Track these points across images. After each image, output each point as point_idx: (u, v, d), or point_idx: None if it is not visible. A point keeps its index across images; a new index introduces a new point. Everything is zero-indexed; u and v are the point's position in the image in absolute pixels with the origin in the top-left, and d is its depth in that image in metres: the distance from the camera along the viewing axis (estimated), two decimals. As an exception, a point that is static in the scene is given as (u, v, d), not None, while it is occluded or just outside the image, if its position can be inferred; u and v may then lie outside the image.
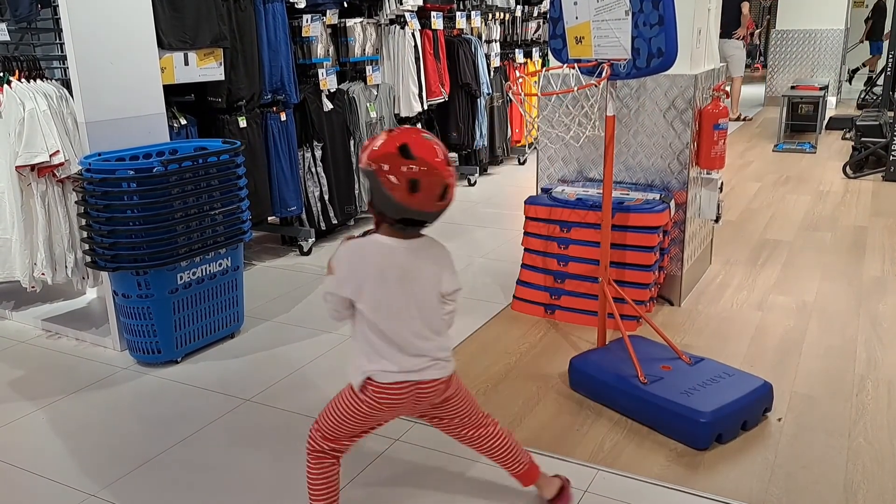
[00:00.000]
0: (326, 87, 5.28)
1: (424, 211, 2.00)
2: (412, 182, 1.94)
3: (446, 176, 1.98)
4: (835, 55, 11.72)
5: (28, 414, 3.18)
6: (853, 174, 7.29)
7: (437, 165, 1.97)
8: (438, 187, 1.97)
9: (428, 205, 1.98)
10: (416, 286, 2.08)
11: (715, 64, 4.35)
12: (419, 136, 2.03)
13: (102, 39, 3.46)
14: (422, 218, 2.02)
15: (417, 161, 1.94)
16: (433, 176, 1.96)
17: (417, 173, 1.94)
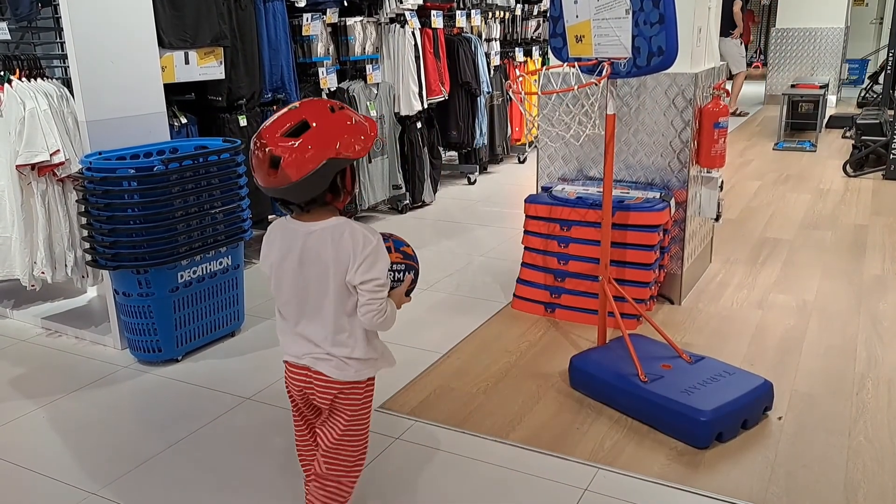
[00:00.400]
0: (327, 86, 5.28)
1: (264, 186, 1.91)
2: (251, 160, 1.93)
3: (267, 142, 1.86)
4: (835, 54, 11.71)
5: (28, 412, 3.18)
6: (853, 173, 7.29)
7: (261, 134, 1.88)
8: (264, 162, 1.87)
9: (261, 179, 1.91)
10: (311, 270, 2.00)
11: (715, 62, 4.34)
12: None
13: (103, 38, 3.46)
14: (277, 195, 1.93)
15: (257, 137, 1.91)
16: (256, 148, 1.89)
17: (253, 150, 1.91)
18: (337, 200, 2.01)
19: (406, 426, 2.97)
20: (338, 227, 1.98)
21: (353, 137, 1.91)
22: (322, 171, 1.87)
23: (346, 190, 2.00)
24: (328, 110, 1.92)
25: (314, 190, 1.91)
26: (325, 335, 2.06)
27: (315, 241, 1.99)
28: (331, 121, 1.90)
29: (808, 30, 11.73)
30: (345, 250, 1.96)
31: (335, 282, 1.99)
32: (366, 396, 2.15)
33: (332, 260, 1.98)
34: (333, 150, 1.87)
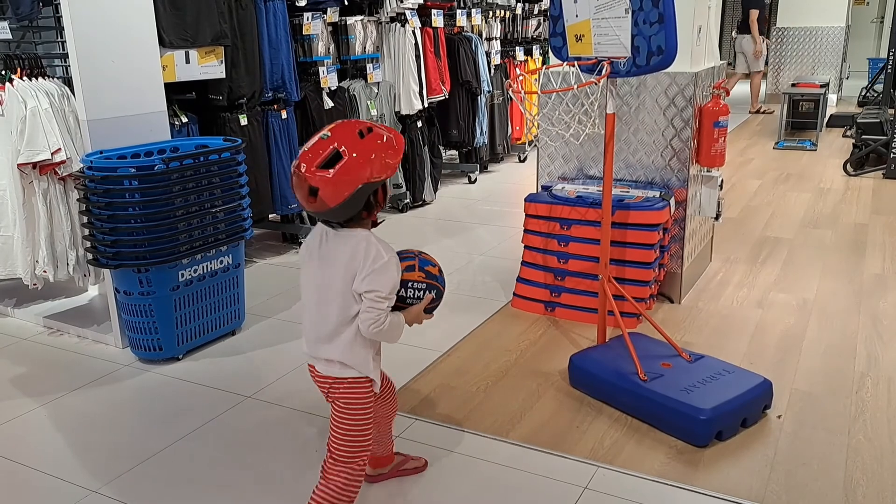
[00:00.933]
0: (327, 85, 5.29)
1: (306, 209, 2.08)
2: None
3: (305, 176, 2.00)
4: (836, 53, 11.71)
5: (30, 410, 3.19)
6: (854, 172, 7.29)
7: (299, 163, 2.03)
8: (303, 189, 2.03)
9: (302, 202, 2.07)
10: (327, 271, 2.12)
11: (715, 62, 4.35)
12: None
13: (104, 38, 3.47)
14: (318, 217, 2.12)
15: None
16: (295, 175, 2.05)
17: (292, 174, 2.08)
18: (371, 215, 2.15)
19: (406, 424, 2.97)
20: (360, 237, 2.10)
21: (383, 160, 2.03)
22: (356, 195, 2.02)
23: (378, 204, 2.13)
24: (358, 136, 2.02)
25: (351, 211, 2.06)
26: (325, 333, 2.15)
27: (337, 245, 2.11)
28: (361, 147, 2.01)
29: (808, 29, 11.72)
30: (357, 259, 2.07)
31: (343, 287, 2.09)
32: (355, 395, 2.19)
33: (345, 266, 2.09)
34: (366, 176, 2.00)
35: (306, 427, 3.00)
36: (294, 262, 5.09)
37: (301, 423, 3.03)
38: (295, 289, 4.54)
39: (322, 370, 2.20)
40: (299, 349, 3.65)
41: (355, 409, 2.19)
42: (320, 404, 3.14)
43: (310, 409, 3.13)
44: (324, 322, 2.15)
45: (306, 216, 5.38)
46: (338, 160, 1.98)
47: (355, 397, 2.19)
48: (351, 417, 2.19)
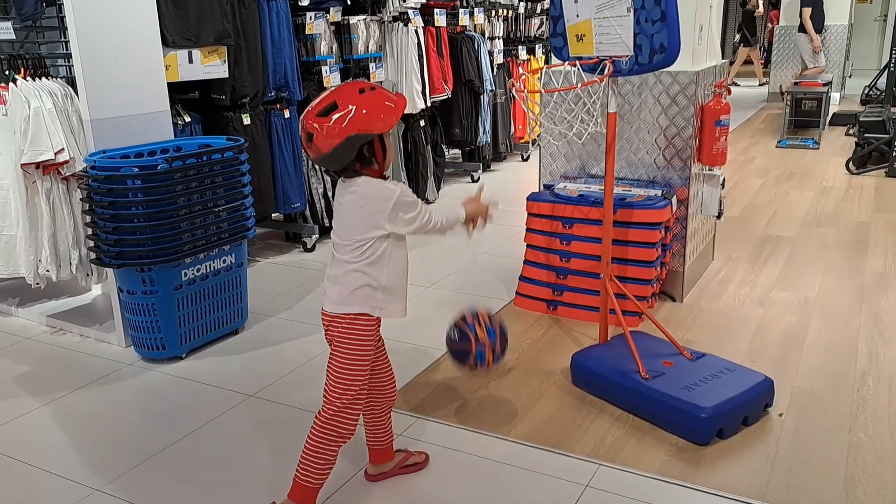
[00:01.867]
0: (330, 85, 5.29)
1: (307, 155, 2.29)
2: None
3: (304, 120, 2.19)
4: (839, 51, 11.69)
5: (33, 409, 3.20)
6: (856, 170, 7.28)
7: (305, 112, 2.20)
8: (303, 134, 2.20)
9: (304, 148, 2.26)
10: (344, 215, 2.29)
11: (717, 60, 4.35)
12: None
13: (107, 37, 3.48)
14: (317, 163, 2.35)
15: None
16: (301, 122, 2.22)
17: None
18: (368, 168, 2.25)
19: (408, 423, 2.98)
20: (366, 181, 2.24)
21: (375, 116, 2.16)
22: (346, 145, 2.15)
23: (376, 160, 2.25)
24: (357, 92, 2.18)
25: (342, 160, 2.20)
26: (336, 274, 2.29)
27: (344, 194, 2.27)
28: (357, 101, 2.15)
29: (811, 27, 11.69)
30: (369, 203, 2.22)
31: (352, 231, 2.25)
32: (351, 334, 2.29)
33: (354, 212, 2.24)
34: (355, 127, 2.13)
35: (308, 425, 3.00)
36: (296, 262, 5.10)
37: (304, 422, 3.03)
38: (297, 288, 4.55)
39: (327, 308, 2.31)
40: (302, 348, 3.68)
41: (350, 346, 2.29)
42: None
43: (313, 407, 3.13)
44: (336, 263, 2.30)
45: (309, 215, 5.39)
46: (332, 110, 2.14)
47: (352, 334, 2.28)
48: (345, 353, 2.29)
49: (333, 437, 2.31)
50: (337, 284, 2.29)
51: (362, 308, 2.28)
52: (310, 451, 2.31)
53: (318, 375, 3.40)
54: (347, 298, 2.27)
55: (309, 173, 5.30)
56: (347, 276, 2.27)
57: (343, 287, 2.28)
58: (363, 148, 2.19)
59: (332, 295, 2.30)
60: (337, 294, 2.29)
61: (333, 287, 2.31)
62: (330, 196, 5.41)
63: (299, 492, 2.33)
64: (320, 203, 5.39)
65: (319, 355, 3.62)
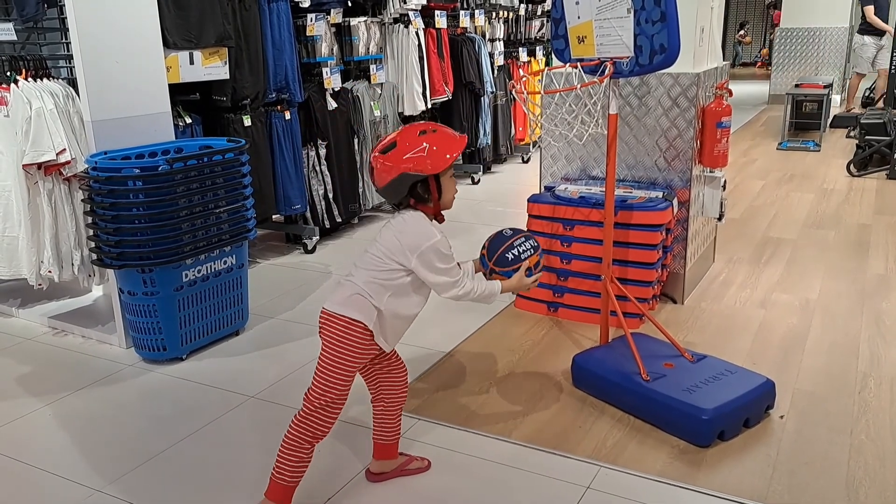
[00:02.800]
0: (330, 86, 5.30)
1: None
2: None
3: (371, 156, 2.34)
4: (839, 53, 11.69)
5: (34, 410, 3.20)
6: (857, 172, 7.28)
7: (375, 147, 2.37)
8: (369, 167, 2.37)
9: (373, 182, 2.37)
10: (382, 238, 2.36)
11: (718, 62, 4.35)
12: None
13: (108, 39, 3.48)
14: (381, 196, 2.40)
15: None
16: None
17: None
18: (422, 205, 2.35)
19: (409, 424, 2.98)
20: (414, 215, 2.34)
21: (424, 159, 2.25)
22: (398, 181, 2.27)
23: (431, 198, 2.34)
24: (417, 134, 2.29)
25: (397, 195, 2.32)
26: (359, 272, 2.35)
27: (397, 219, 2.36)
28: (413, 142, 2.27)
29: (812, 29, 11.71)
30: (409, 234, 2.30)
31: (384, 251, 2.32)
32: (342, 337, 2.30)
33: (394, 236, 2.32)
34: (406, 167, 2.25)
35: (310, 427, 3.01)
36: (296, 263, 5.10)
37: (304, 423, 3.03)
38: (298, 289, 4.55)
39: (327, 306, 2.34)
40: (303, 349, 3.68)
41: (341, 349, 2.30)
42: (323, 404, 3.15)
43: (313, 408, 3.13)
44: (355, 271, 2.36)
45: (309, 217, 5.39)
46: (391, 148, 2.27)
47: (345, 339, 2.30)
48: (334, 355, 2.31)
49: (307, 436, 2.34)
50: (346, 286, 2.34)
51: (360, 316, 2.29)
52: (285, 449, 2.36)
53: (318, 377, 3.41)
54: (348, 301, 2.30)
55: (309, 175, 5.30)
56: (357, 281, 2.32)
57: (348, 290, 2.32)
58: (416, 185, 2.29)
59: (336, 295, 2.35)
60: (340, 294, 2.34)
61: (341, 288, 2.36)
62: (331, 197, 5.41)
63: (275, 490, 2.37)
64: (321, 205, 5.39)
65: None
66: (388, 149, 2.28)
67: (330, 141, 5.33)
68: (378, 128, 5.79)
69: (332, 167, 5.38)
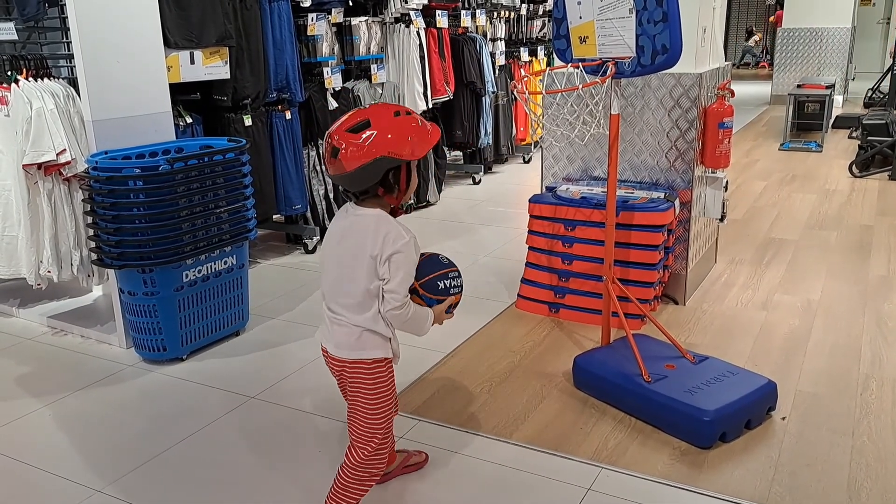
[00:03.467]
0: (331, 86, 5.29)
1: (328, 173, 2.16)
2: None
3: (332, 134, 2.09)
4: (841, 54, 11.68)
5: (34, 410, 3.20)
6: (859, 173, 7.27)
7: (332, 127, 2.11)
8: (328, 149, 2.10)
9: (326, 165, 2.14)
10: (348, 247, 2.17)
11: (720, 63, 4.34)
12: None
13: (109, 38, 3.47)
14: (337, 182, 2.16)
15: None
16: (326, 138, 2.11)
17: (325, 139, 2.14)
18: (389, 196, 2.16)
19: (410, 425, 2.97)
20: (380, 216, 2.14)
21: (406, 142, 2.08)
22: (373, 165, 2.05)
23: (399, 188, 2.16)
24: (392, 114, 2.10)
25: (366, 182, 2.10)
26: (349, 306, 2.17)
27: (357, 223, 2.16)
28: (390, 123, 2.08)
29: (814, 30, 11.70)
30: (379, 238, 2.10)
31: (366, 263, 2.12)
32: (373, 380, 2.21)
33: (368, 243, 2.12)
34: (385, 149, 2.04)
35: (310, 428, 3.00)
36: (297, 264, 5.09)
37: (305, 424, 3.03)
38: (298, 290, 4.55)
39: (335, 351, 2.21)
40: (303, 350, 3.68)
41: (376, 391, 2.21)
42: (324, 405, 3.15)
43: (313, 409, 3.13)
44: (347, 297, 2.17)
45: (310, 217, 5.38)
46: (364, 128, 2.05)
47: (376, 380, 2.21)
48: (371, 399, 2.21)
49: (367, 478, 2.25)
50: (344, 327, 2.18)
51: (381, 353, 2.20)
52: (343, 493, 2.24)
53: (319, 378, 3.41)
54: (359, 343, 2.18)
55: (310, 175, 5.30)
56: (354, 320, 2.17)
57: (350, 331, 2.18)
58: (389, 173, 2.10)
59: (339, 338, 2.20)
60: (345, 338, 2.19)
61: (339, 329, 2.20)
62: (331, 197, 5.40)
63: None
64: (321, 205, 5.39)
65: (320, 357, 3.60)
66: (359, 127, 2.05)
67: (331, 141, 5.32)
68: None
69: (333, 167, 5.36)
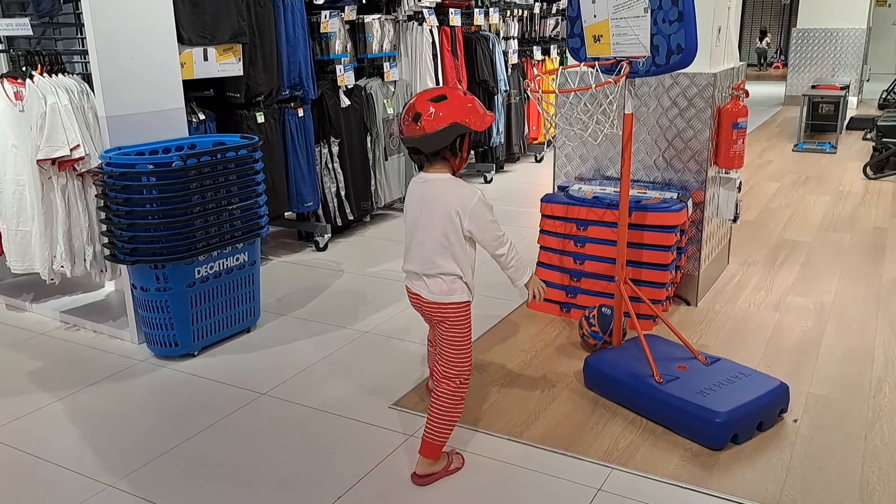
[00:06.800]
0: (344, 84, 5.30)
1: (405, 135, 2.54)
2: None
3: (415, 104, 2.50)
4: (856, 55, 11.61)
5: (47, 405, 3.21)
6: (873, 175, 7.23)
7: (413, 99, 2.54)
8: (409, 115, 2.50)
9: (403, 129, 2.54)
10: (426, 209, 2.57)
11: (734, 62, 4.32)
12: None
13: (123, 35, 3.48)
14: (411, 144, 2.54)
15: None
16: (405, 108, 2.54)
17: (403, 110, 2.59)
18: (454, 160, 2.57)
19: (420, 423, 2.96)
20: (451, 178, 2.58)
21: (476, 115, 2.51)
22: (447, 130, 2.47)
23: (461, 154, 2.57)
24: (462, 94, 2.54)
25: (438, 144, 2.49)
26: (429, 259, 2.58)
27: (434, 186, 2.57)
28: (462, 100, 2.51)
29: (829, 30, 11.64)
30: (454, 198, 2.52)
31: (443, 220, 2.53)
32: (458, 318, 2.60)
33: (444, 203, 2.53)
34: (459, 117, 2.47)
35: (320, 424, 3.01)
36: (308, 261, 5.10)
37: (315, 421, 3.03)
38: (309, 287, 4.55)
39: (426, 295, 2.61)
40: (314, 347, 3.68)
41: (464, 327, 2.62)
42: (334, 402, 3.15)
43: (324, 406, 3.13)
44: (427, 250, 2.57)
45: (321, 214, 5.39)
46: (443, 99, 2.48)
47: (463, 318, 2.62)
48: (461, 333, 2.62)
49: (458, 400, 2.62)
50: (435, 279, 2.58)
51: (467, 296, 2.61)
52: (441, 417, 2.61)
53: (328, 374, 3.41)
54: (452, 289, 2.58)
55: (322, 172, 5.30)
56: (447, 269, 2.56)
57: (442, 281, 2.58)
58: (457, 139, 2.50)
59: (433, 286, 2.59)
60: (437, 287, 2.58)
61: (432, 280, 2.59)
62: (343, 195, 5.41)
63: (431, 449, 2.63)
64: (333, 202, 5.39)
65: (330, 354, 3.62)
66: (439, 98, 2.48)
67: (343, 138, 5.33)
68: (391, 126, 5.78)
69: (345, 165, 5.37)
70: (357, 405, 3.14)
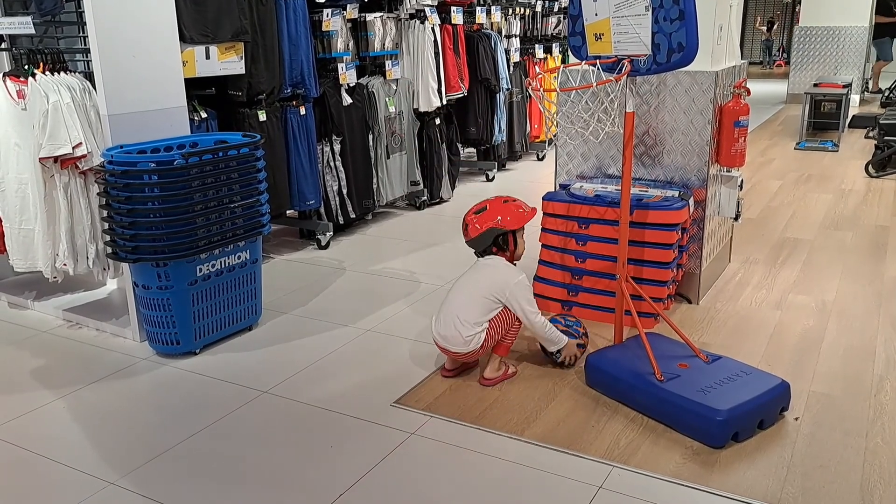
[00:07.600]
0: (346, 82, 5.30)
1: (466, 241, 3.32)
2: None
3: (465, 217, 3.29)
4: (859, 53, 11.60)
5: (48, 403, 3.22)
6: (875, 173, 7.22)
7: (466, 213, 3.30)
8: (463, 223, 3.30)
9: (463, 236, 3.32)
10: (470, 281, 3.27)
11: (736, 61, 4.32)
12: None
13: (125, 33, 3.49)
14: (470, 246, 3.32)
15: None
16: (463, 218, 3.31)
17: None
18: (502, 253, 3.27)
19: (421, 422, 2.98)
20: (499, 260, 3.26)
21: (511, 216, 3.21)
22: (486, 234, 3.21)
23: (508, 248, 3.26)
24: (502, 202, 3.25)
25: (482, 245, 3.26)
26: (466, 319, 3.16)
27: (485, 264, 3.26)
28: (499, 207, 3.23)
29: (831, 28, 11.62)
30: (497, 277, 3.20)
31: (483, 296, 3.18)
32: (482, 345, 3.20)
33: (496, 279, 3.20)
34: (493, 223, 3.19)
35: (322, 422, 3.01)
36: (310, 259, 5.10)
37: (317, 419, 3.04)
38: (311, 285, 4.56)
39: (460, 351, 3.18)
40: (316, 345, 3.69)
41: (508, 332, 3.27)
42: (336, 400, 3.16)
43: (326, 404, 3.14)
44: (467, 312, 3.17)
45: (323, 212, 5.39)
46: (483, 210, 3.23)
47: (483, 344, 3.20)
48: (506, 331, 3.26)
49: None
50: (457, 333, 3.16)
51: (481, 339, 3.19)
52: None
53: (330, 372, 3.42)
54: (466, 343, 3.16)
55: (324, 171, 5.30)
56: (465, 333, 3.15)
57: (462, 336, 3.15)
58: (499, 238, 3.21)
59: (453, 338, 3.17)
60: (456, 338, 3.16)
61: (454, 332, 3.17)
62: (345, 193, 5.41)
63: (504, 348, 3.28)
64: (335, 200, 5.40)
65: (332, 352, 3.63)
66: (480, 211, 3.22)
67: (345, 137, 5.33)
68: (393, 124, 5.78)
69: (347, 163, 5.38)
70: (359, 403, 3.15)
